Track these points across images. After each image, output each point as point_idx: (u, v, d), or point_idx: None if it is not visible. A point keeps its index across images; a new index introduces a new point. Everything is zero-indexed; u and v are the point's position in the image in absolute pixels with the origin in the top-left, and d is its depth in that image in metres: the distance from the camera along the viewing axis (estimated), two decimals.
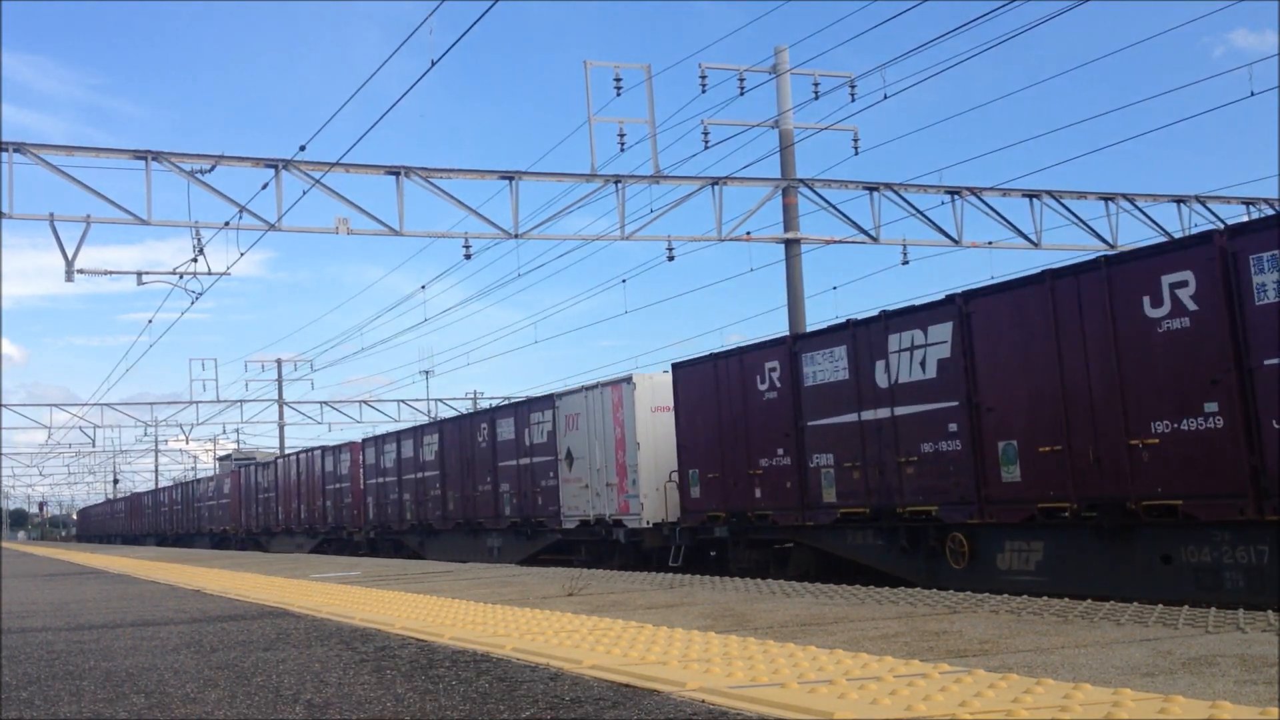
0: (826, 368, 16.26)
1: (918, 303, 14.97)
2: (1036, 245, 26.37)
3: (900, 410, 14.83)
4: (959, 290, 14.24)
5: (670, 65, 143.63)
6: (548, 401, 23.96)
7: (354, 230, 22.41)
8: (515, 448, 24.98)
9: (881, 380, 15.19)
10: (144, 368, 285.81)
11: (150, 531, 69.20)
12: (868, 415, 15.42)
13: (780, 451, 16.98)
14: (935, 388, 14.36)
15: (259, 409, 64.79)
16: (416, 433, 31.09)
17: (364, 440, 34.89)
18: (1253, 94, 21.80)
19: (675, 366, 19.74)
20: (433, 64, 16.46)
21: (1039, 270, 13.40)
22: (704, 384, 18.81)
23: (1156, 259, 11.88)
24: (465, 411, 29.01)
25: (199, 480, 58.79)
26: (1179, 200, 27.86)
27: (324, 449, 38.37)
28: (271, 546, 42.75)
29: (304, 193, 22.10)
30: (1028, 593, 9.37)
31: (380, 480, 32.60)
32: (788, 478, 16.80)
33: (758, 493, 17.46)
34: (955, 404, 14.01)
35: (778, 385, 17.07)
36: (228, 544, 48.65)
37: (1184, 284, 11.43)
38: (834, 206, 25.38)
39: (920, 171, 61.05)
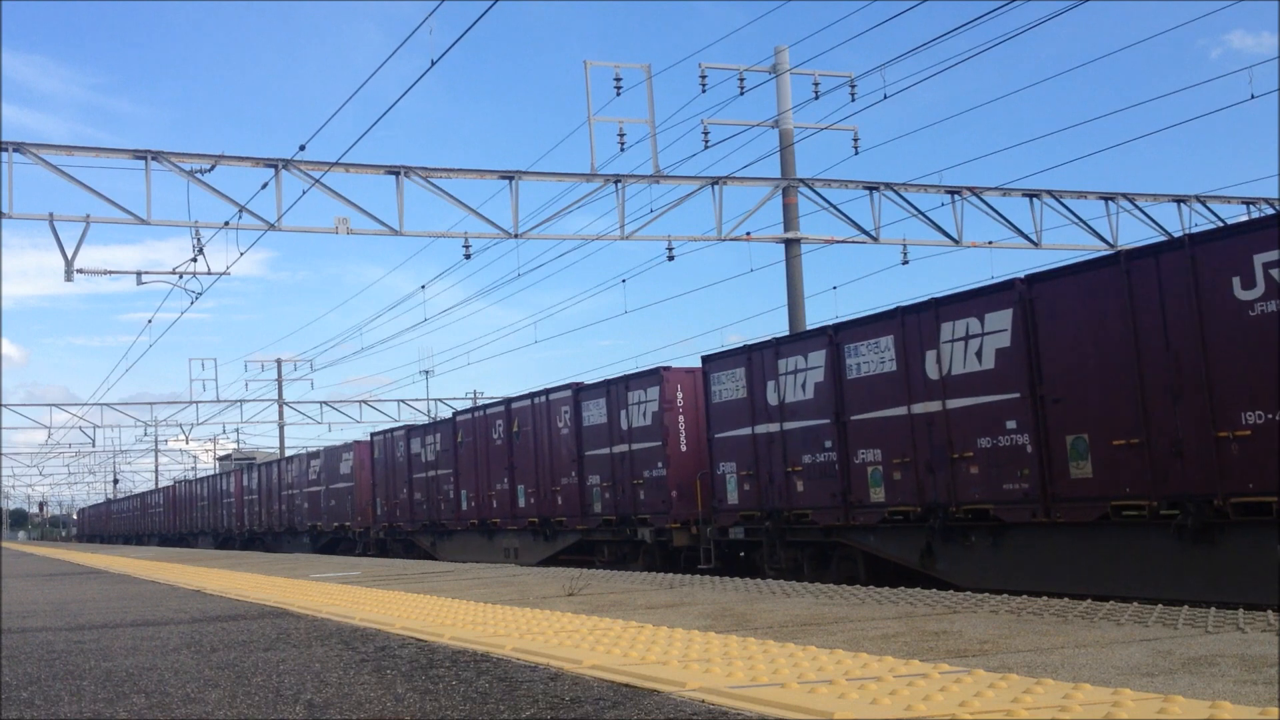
0: None
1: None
2: (1037, 245, 26.39)
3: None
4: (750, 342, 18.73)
5: (670, 65, 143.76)
6: None
7: (354, 230, 22.42)
8: None
9: None
10: (144, 368, 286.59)
11: (207, 530, 53.79)
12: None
13: None
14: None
15: (259, 409, 64.89)
16: (894, 321, 15.11)
17: (708, 359, 18.98)
18: (1253, 97, 21.88)
19: None
20: (433, 64, 16.50)
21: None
22: None
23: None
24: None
25: (292, 458, 42.85)
26: (1179, 200, 27.87)
27: (578, 388, 23.28)
28: (441, 552, 28.85)
29: (304, 192, 22.16)
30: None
31: (760, 431, 17.51)
32: None
33: None
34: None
35: None
36: (344, 547, 35.91)
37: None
38: (834, 206, 25.40)
39: (920, 171, 61.12)
